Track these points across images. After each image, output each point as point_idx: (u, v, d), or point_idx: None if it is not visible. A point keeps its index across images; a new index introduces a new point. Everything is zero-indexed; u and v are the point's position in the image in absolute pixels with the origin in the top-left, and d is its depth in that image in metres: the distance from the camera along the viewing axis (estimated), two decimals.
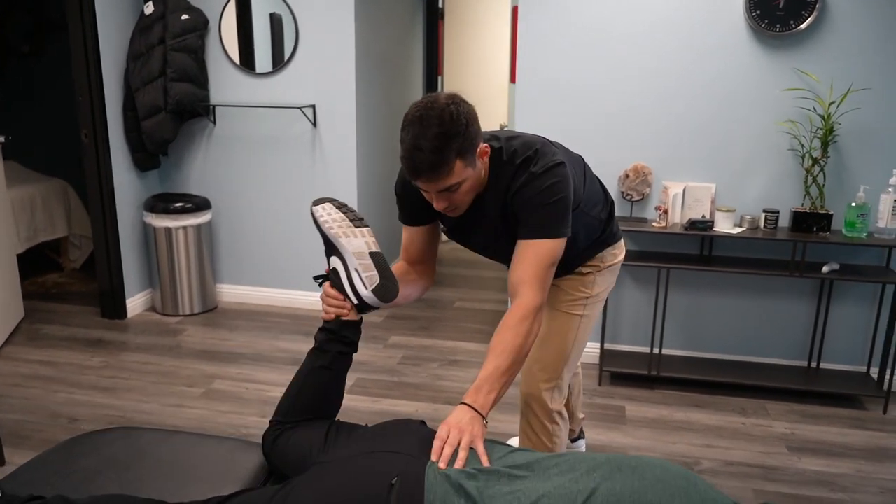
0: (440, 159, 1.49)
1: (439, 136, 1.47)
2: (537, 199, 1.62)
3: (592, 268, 2.02)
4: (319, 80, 3.80)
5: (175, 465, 1.66)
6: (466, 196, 1.64)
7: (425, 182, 1.54)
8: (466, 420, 1.43)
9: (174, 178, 4.14)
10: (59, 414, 2.88)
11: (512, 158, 1.67)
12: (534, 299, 1.61)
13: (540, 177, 1.62)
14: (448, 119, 1.48)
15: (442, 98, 1.52)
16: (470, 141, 1.52)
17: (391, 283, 1.64)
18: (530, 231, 1.63)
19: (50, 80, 5.05)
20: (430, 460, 1.35)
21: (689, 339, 3.35)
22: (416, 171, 1.51)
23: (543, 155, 1.66)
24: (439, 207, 1.62)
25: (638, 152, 3.17)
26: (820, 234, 2.96)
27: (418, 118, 1.49)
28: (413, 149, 1.49)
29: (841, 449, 2.72)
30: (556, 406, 2.04)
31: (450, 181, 1.54)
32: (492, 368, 1.53)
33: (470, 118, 1.53)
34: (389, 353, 3.54)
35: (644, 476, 1.27)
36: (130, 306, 3.97)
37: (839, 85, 2.93)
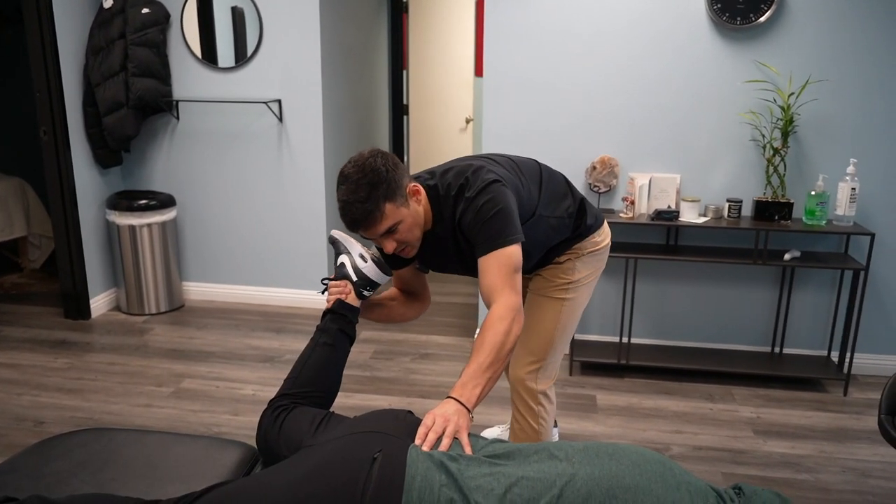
0: (369, 208, 1.63)
1: (364, 187, 1.63)
2: (478, 218, 1.73)
3: (571, 255, 2.06)
4: (285, 74, 3.77)
5: (149, 465, 1.64)
6: (410, 234, 1.75)
7: (364, 230, 1.69)
8: (452, 411, 1.46)
9: (137, 175, 4.07)
10: (24, 417, 2.82)
11: (448, 192, 1.80)
12: (507, 301, 1.67)
13: (474, 199, 1.74)
14: (370, 170, 1.64)
15: (365, 153, 1.69)
16: (395, 184, 1.66)
17: (385, 262, 1.88)
18: (483, 247, 1.73)
19: (4, 76, 4.91)
20: (414, 443, 1.37)
21: (656, 328, 3.41)
22: (354, 223, 1.67)
23: (476, 179, 1.77)
24: (389, 250, 1.75)
25: (604, 144, 3.22)
26: (781, 222, 3.03)
27: (345, 176, 1.66)
28: (345, 204, 1.65)
29: (804, 431, 2.81)
30: (541, 387, 2.10)
31: (385, 224, 1.67)
32: (475, 366, 1.58)
33: (390, 165, 1.67)
34: (361, 348, 3.54)
35: (621, 461, 1.30)
36: (94, 306, 3.89)
37: (798, 77, 3.01)
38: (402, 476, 1.26)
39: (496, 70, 3.22)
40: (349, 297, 1.86)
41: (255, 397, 3.00)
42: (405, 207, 1.71)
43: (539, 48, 3.16)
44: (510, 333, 1.63)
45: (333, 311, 1.84)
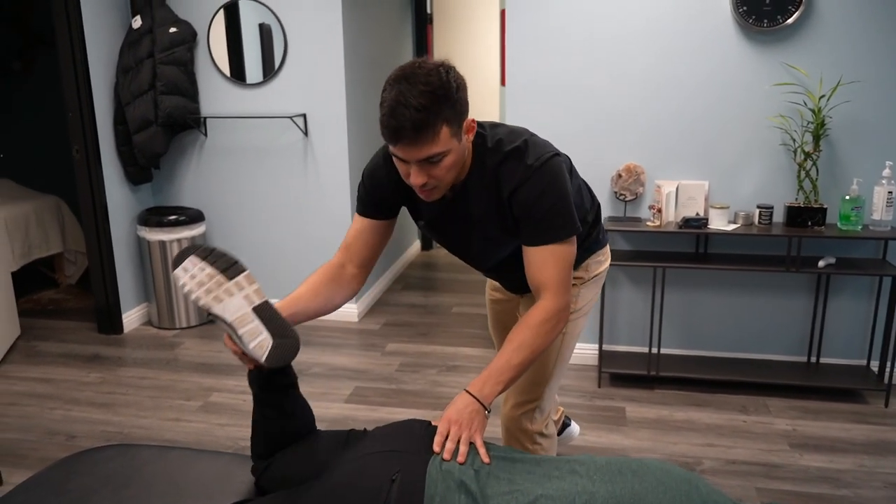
0: (426, 119, 1.34)
1: (427, 94, 1.34)
2: (543, 201, 1.52)
3: (577, 280, 1.87)
4: (309, 88, 3.80)
5: (171, 482, 1.65)
6: (448, 174, 1.47)
7: (406, 146, 1.38)
8: (466, 414, 1.41)
9: (167, 191, 4.13)
10: (56, 431, 2.86)
11: (498, 146, 1.55)
12: (557, 302, 1.56)
13: (538, 172, 1.51)
14: (437, 80, 1.36)
15: (431, 62, 1.41)
16: (459, 108, 1.41)
17: (287, 339, 1.42)
18: (541, 237, 1.54)
19: (42, 97, 5.04)
20: (434, 453, 1.35)
21: (687, 338, 3.34)
22: (398, 132, 1.35)
23: (535, 146, 1.55)
24: (416, 182, 1.45)
25: (630, 152, 3.17)
26: (815, 228, 2.95)
27: (404, 76, 1.37)
28: (397, 105, 1.34)
29: (843, 444, 2.71)
30: (537, 427, 1.96)
31: (434, 149, 1.39)
32: (503, 361, 1.49)
33: (460, 84, 1.41)
34: (387, 361, 3.53)
35: (645, 479, 1.26)
36: (127, 321, 3.96)
37: (829, 78, 2.93)
38: (421, 497, 1.24)
39: (518, 78, 3.20)
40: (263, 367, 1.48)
41: None
42: (457, 140, 1.44)
43: (561, 55, 3.14)
44: (551, 335, 1.54)
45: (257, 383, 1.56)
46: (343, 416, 2.97)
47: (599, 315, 3.23)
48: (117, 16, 3.76)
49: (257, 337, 1.39)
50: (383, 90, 1.40)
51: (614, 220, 3.17)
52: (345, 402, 3.08)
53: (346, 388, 3.23)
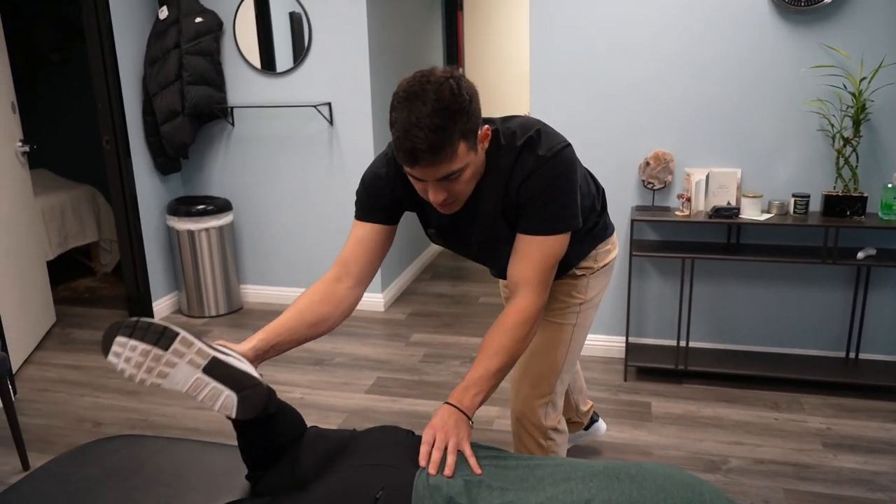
0: (442, 139, 1.28)
1: (440, 113, 1.27)
2: (549, 191, 1.46)
3: (586, 270, 1.84)
4: (334, 77, 3.77)
5: (176, 474, 1.64)
6: (467, 186, 1.43)
7: (424, 168, 1.32)
8: (452, 423, 1.37)
9: (195, 180, 4.17)
10: (83, 418, 2.92)
11: (512, 141, 1.48)
12: (535, 302, 1.50)
13: (549, 162, 1.45)
14: (448, 94, 1.29)
15: (438, 72, 1.33)
16: (474, 121, 1.34)
17: (250, 388, 1.30)
18: (537, 226, 1.48)
19: (78, 88, 5.14)
20: (420, 467, 1.30)
21: (717, 332, 3.23)
22: (414, 155, 1.30)
23: (547, 136, 1.49)
24: (437, 200, 1.40)
25: (658, 139, 3.06)
26: (854, 218, 2.81)
27: (413, 94, 1.29)
28: (410, 127, 1.28)
29: (881, 445, 2.59)
30: (551, 423, 1.91)
31: (452, 166, 1.34)
32: (482, 370, 1.45)
33: (472, 95, 1.34)
34: (411, 352, 3.51)
35: (644, 486, 1.20)
36: (157, 309, 4.01)
37: (870, 59, 2.78)
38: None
39: (543, 64, 3.12)
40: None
41: (303, 401, 3.00)
42: (474, 152, 1.38)
43: (588, 39, 3.04)
44: (525, 339, 1.49)
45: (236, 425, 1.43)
46: (363, 406, 2.96)
47: (626, 307, 3.15)
48: (145, 6, 3.79)
49: (219, 398, 1.29)
50: (392, 109, 1.33)
51: (642, 209, 3.07)
52: (366, 393, 3.07)
53: (368, 378, 3.22)
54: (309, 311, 1.56)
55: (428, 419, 2.82)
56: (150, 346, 1.29)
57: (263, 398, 1.32)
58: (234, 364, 1.33)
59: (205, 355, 1.30)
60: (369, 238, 1.61)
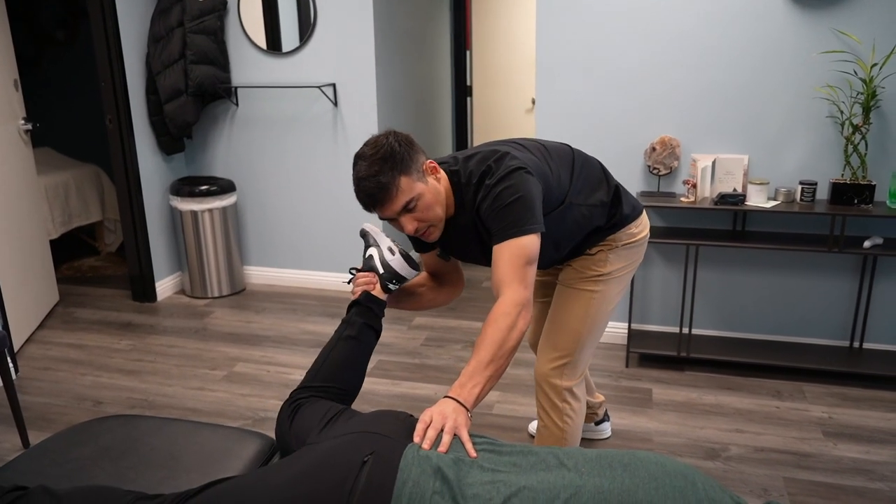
0: (384, 181, 1.58)
1: (376, 162, 1.59)
2: (495, 205, 1.66)
3: (603, 246, 1.95)
4: (339, 58, 3.74)
5: (169, 454, 1.65)
6: (430, 212, 1.67)
7: (381, 208, 1.63)
8: (450, 409, 1.40)
9: (199, 161, 4.15)
10: (84, 397, 2.93)
11: (469, 179, 1.73)
12: (513, 296, 1.59)
13: (494, 186, 1.67)
14: (383, 147, 1.60)
15: (379, 134, 1.66)
16: (409, 159, 1.62)
17: (415, 262, 1.87)
18: (498, 235, 1.66)
19: (83, 66, 5.12)
20: (413, 441, 1.31)
21: (720, 319, 3.21)
22: (370, 199, 1.62)
23: (499, 165, 1.69)
24: (411, 230, 1.68)
25: (664, 124, 3.03)
26: (861, 206, 2.77)
27: (359, 156, 1.63)
28: (359, 181, 1.61)
29: (882, 435, 2.57)
30: (567, 383, 1.99)
31: (401, 199, 1.61)
32: (474, 363, 1.51)
33: (402, 142, 1.63)
34: (413, 335, 3.50)
35: (637, 474, 1.19)
36: (160, 289, 4.02)
37: (882, 45, 2.73)
38: (393, 481, 1.19)
39: (550, 47, 3.07)
40: (375, 289, 1.84)
41: None
42: (422, 182, 1.65)
43: (594, 24, 2.99)
44: (514, 329, 1.55)
45: (359, 304, 1.82)
46: (364, 389, 2.95)
47: (630, 293, 3.13)
48: None
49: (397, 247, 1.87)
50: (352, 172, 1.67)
51: (647, 195, 3.04)
52: (367, 376, 3.06)
53: (370, 361, 3.21)
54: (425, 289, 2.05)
55: (428, 403, 2.82)
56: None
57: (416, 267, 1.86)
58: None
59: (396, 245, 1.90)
60: (431, 259, 2.02)
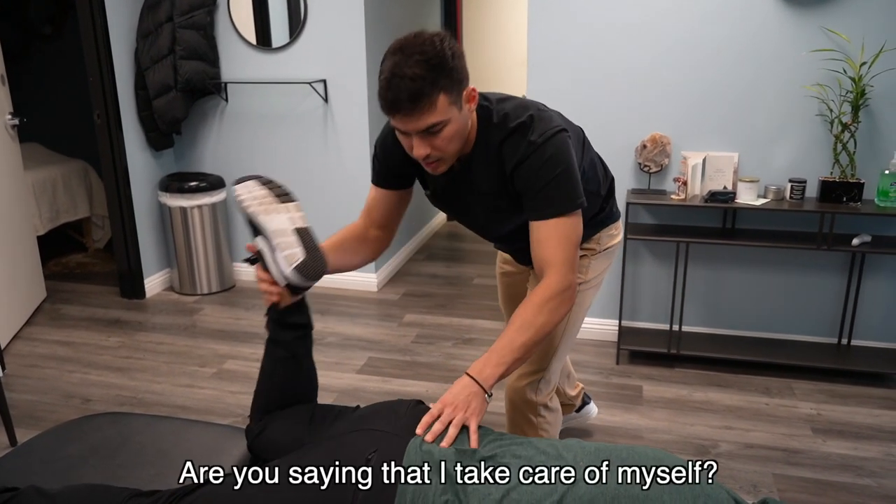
0: (422, 88, 1.34)
1: (421, 64, 1.34)
2: (542, 174, 1.48)
3: (588, 251, 1.86)
4: (330, 54, 3.72)
5: (160, 452, 1.63)
6: (450, 145, 1.46)
7: (404, 117, 1.38)
8: (463, 397, 1.36)
9: (189, 157, 4.12)
10: (72, 394, 2.90)
11: (504, 122, 1.52)
12: (561, 281, 1.49)
13: (541, 148, 1.48)
14: (431, 49, 1.35)
15: (429, 31, 1.40)
16: (456, 75, 1.38)
17: (316, 260, 1.50)
18: (545, 210, 1.50)
19: (71, 61, 5.06)
20: (416, 434, 1.30)
21: (710, 316, 3.23)
22: (395, 103, 1.36)
23: (541, 121, 1.51)
24: (419, 154, 1.44)
25: (655, 121, 3.03)
26: (850, 204, 2.79)
27: (400, 47, 1.37)
28: (392, 76, 1.34)
29: (870, 431, 2.59)
30: (542, 399, 1.91)
31: (432, 118, 1.38)
32: (506, 341, 1.44)
33: (456, 52, 1.39)
34: (403, 332, 3.49)
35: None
36: (149, 286, 3.99)
37: (871, 44, 2.74)
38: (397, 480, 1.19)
39: (541, 44, 3.07)
40: (284, 298, 1.57)
41: None
42: (457, 108, 1.42)
43: (585, 22, 2.99)
44: (556, 314, 1.47)
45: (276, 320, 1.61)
46: (354, 387, 2.95)
47: (620, 290, 3.14)
48: None
49: (290, 249, 1.49)
50: (382, 62, 1.40)
51: (637, 192, 3.05)
52: (356, 373, 3.06)
53: (360, 358, 3.21)
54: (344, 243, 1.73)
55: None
56: (273, 195, 1.56)
57: (321, 271, 1.49)
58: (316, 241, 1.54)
59: (304, 222, 1.54)
60: (384, 200, 1.75)
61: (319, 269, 1.49)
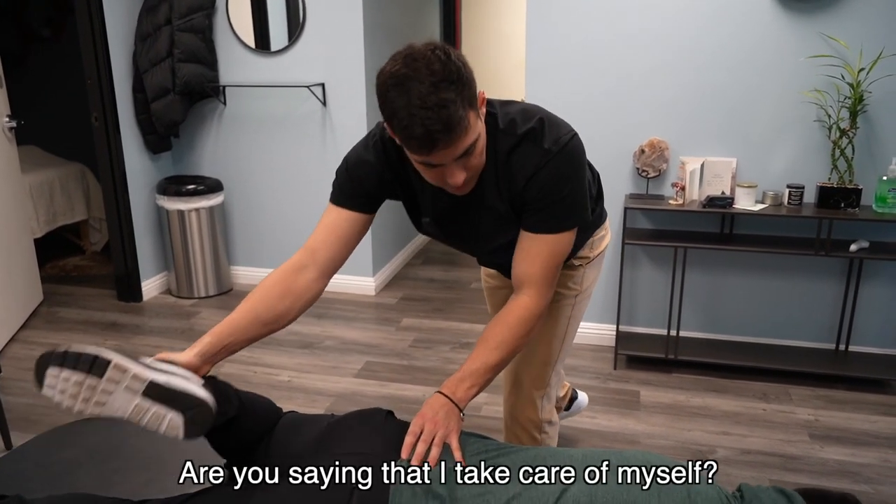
0: (453, 114, 1.18)
1: (441, 87, 1.17)
2: (558, 187, 1.38)
3: (583, 259, 1.79)
4: (328, 58, 3.72)
5: (154, 457, 1.63)
6: (481, 158, 1.34)
7: (443, 150, 1.22)
8: (442, 414, 1.33)
9: (187, 160, 4.12)
10: None
11: (511, 128, 1.39)
12: (539, 301, 1.45)
13: (556, 157, 1.36)
14: (440, 66, 1.19)
15: (419, 47, 1.23)
16: (472, 87, 1.25)
17: (196, 407, 1.23)
18: (545, 224, 1.41)
19: (69, 64, 5.06)
20: (401, 458, 1.29)
21: (708, 321, 3.22)
22: (430, 139, 1.19)
23: (552, 126, 1.39)
24: (457, 182, 1.29)
25: (654, 126, 3.03)
26: (848, 210, 2.79)
27: (404, 77, 1.19)
28: (416, 110, 1.17)
29: (867, 437, 2.59)
30: (546, 416, 1.89)
31: (468, 140, 1.24)
32: (480, 363, 1.40)
33: (463, 61, 1.25)
34: (401, 336, 3.49)
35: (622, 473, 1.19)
36: (146, 289, 3.98)
37: (869, 50, 2.75)
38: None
39: (538, 49, 3.07)
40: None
41: (291, 384, 2.99)
42: (481, 120, 1.31)
43: (584, 25, 3.00)
44: (527, 336, 1.45)
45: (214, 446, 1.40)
46: (351, 391, 2.94)
47: (617, 295, 3.13)
48: None
49: (164, 420, 1.22)
50: (384, 99, 1.22)
51: (635, 197, 3.05)
52: (354, 377, 3.06)
53: (357, 362, 3.20)
54: (265, 307, 1.44)
55: (416, 404, 2.81)
56: (84, 374, 1.20)
57: (210, 416, 1.23)
58: (174, 385, 1.23)
59: (142, 380, 1.21)
60: (345, 225, 1.50)
61: (207, 416, 1.23)
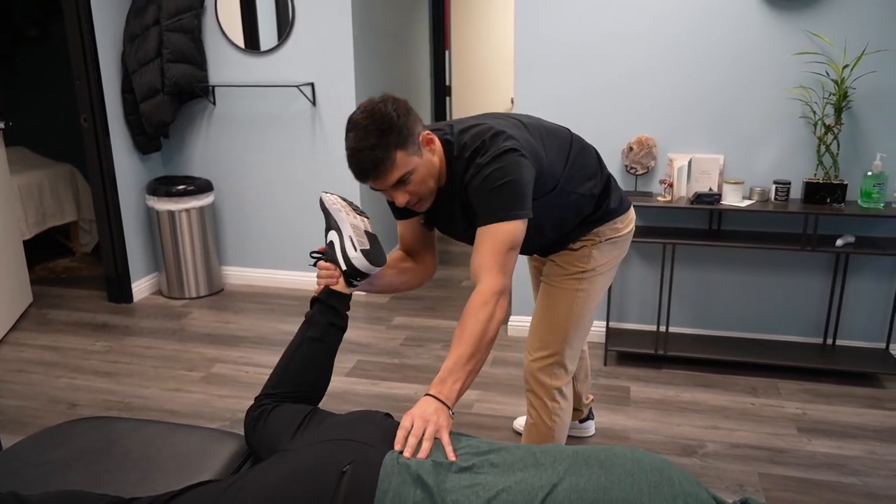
0: (379, 155, 1.54)
1: (372, 134, 1.53)
2: (484, 186, 1.62)
3: (587, 241, 1.93)
4: (318, 57, 3.72)
5: (145, 456, 1.63)
6: (423, 185, 1.65)
7: (374, 181, 1.59)
8: (431, 411, 1.38)
9: (176, 160, 4.11)
10: (59, 399, 2.89)
11: (462, 153, 1.69)
12: (493, 284, 1.56)
13: (485, 167, 1.62)
14: (380, 116, 1.54)
15: (376, 99, 1.59)
16: (406, 131, 1.56)
17: (379, 252, 1.75)
18: (483, 217, 1.63)
19: (57, 64, 5.04)
20: (393, 449, 1.30)
21: (697, 317, 3.25)
22: (362, 173, 1.57)
23: (493, 143, 1.65)
24: (402, 203, 1.64)
25: (642, 124, 3.05)
26: (834, 205, 2.82)
27: (354, 123, 1.57)
28: (353, 152, 1.56)
29: (854, 430, 2.62)
30: (557, 382, 1.98)
31: (396, 174, 1.57)
32: (455, 358, 1.48)
33: (401, 111, 1.57)
34: (392, 335, 3.50)
35: (612, 471, 1.20)
36: (136, 290, 3.97)
37: (853, 47, 2.78)
38: (373, 492, 1.19)
39: (528, 47, 3.09)
40: (338, 284, 1.74)
41: None
42: (417, 156, 1.61)
43: (572, 24, 3.01)
44: (492, 320, 1.53)
45: (322, 301, 1.74)
46: (343, 389, 2.95)
47: (607, 292, 3.15)
48: None
49: (360, 238, 1.73)
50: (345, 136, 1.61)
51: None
52: (346, 376, 3.06)
53: (349, 361, 3.21)
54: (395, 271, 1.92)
55: (408, 403, 2.82)
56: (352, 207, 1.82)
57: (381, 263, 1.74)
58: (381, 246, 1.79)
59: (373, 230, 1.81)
60: (408, 230, 1.93)
61: (380, 259, 1.74)
